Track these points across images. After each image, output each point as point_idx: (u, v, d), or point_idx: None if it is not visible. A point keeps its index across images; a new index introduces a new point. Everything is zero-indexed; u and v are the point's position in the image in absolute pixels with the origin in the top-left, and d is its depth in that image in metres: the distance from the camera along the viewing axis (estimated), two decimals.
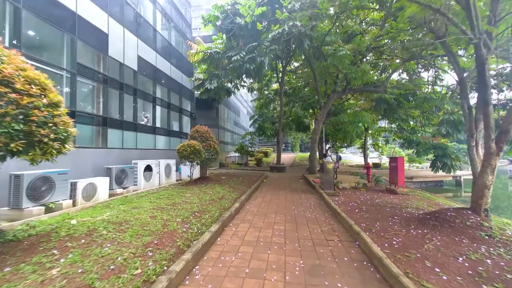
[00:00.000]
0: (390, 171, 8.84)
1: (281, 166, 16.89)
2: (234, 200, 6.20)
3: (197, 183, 8.09)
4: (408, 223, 4.71)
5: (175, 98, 12.01)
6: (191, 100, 13.65)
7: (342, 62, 11.26)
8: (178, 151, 7.62)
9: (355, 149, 44.38)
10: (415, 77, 16.90)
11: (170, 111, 11.45)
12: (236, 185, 8.57)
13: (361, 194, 8.06)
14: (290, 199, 7.29)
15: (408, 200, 7.15)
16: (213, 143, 8.67)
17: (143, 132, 9.53)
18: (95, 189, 5.93)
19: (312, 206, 6.38)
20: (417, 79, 16.82)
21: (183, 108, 12.75)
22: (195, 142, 7.83)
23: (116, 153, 7.81)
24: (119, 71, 8.14)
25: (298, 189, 9.13)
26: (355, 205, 6.38)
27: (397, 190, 8.22)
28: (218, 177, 10.67)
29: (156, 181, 8.64)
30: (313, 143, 13.74)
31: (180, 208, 4.83)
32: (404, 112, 16.03)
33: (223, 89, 10.63)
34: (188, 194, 6.20)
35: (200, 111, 18.90)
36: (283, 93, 17.80)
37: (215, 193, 6.71)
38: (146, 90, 9.80)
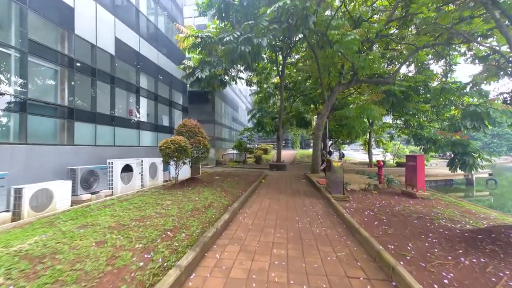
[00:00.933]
0: (407, 171, 7.62)
1: (281, 164, 15.68)
2: (225, 209, 4.99)
3: (184, 186, 6.88)
4: (452, 245, 3.50)
5: (164, 90, 10.74)
6: (183, 92, 12.38)
7: (349, 49, 9.95)
8: (161, 148, 6.39)
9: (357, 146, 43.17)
10: (423, 70, 15.62)
11: (158, 103, 10.19)
12: (229, 188, 7.37)
13: (374, 199, 6.87)
14: (292, 205, 6.08)
15: (433, 207, 5.94)
16: (203, 139, 7.43)
17: (124, 127, 8.29)
18: (51, 197, 4.71)
19: (320, 216, 5.17)
20: (427, 70, 15.53)
21: (174, 101, 11.49)
22: (181, 138, 6.60)
23: (86, 151, 6.58)
24: (91, 54, 6.87)
25: (300, 192, 7.92)
26: (372, 214, 5.17)
27: (416, 193, 7.02)
28: (211, 178, 9.46)
29: (137, 183, 7.43)
30: (316, 139, 12.49)
31: (149, 224, 3.61)
32: (414, 106, 14.73)
33: (216, 79, 9.36)
34: (167, 202, 4.98)
35: (194, 105, 17.63)
36: (283, 87, 16.51)
37: (202, 199, 5.49)
38: (128, 79, 8.52)
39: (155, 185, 8.07)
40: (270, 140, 43.80)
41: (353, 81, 11.96)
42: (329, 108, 12.50)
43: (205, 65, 8.75)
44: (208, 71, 8.47)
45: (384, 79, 11.74)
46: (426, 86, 14.24)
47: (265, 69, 19.85)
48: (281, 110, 16.57)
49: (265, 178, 11.11)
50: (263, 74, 19.58)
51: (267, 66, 19.85)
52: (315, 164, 12.45)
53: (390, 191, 8.08)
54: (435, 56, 15.01)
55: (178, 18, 11.95)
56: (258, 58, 7.42)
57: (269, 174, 13.05)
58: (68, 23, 6.11)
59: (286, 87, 19.53)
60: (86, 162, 6.34)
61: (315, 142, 12.61)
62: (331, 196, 6.61)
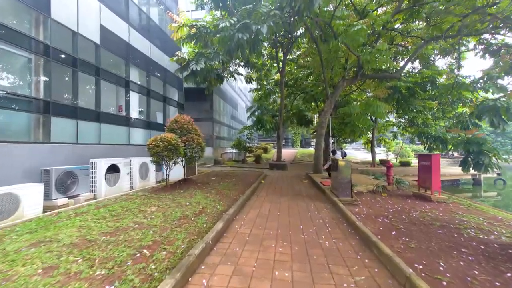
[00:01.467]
0: (421, 172, 6.94)
1: (281, 164, 15.01)
2: (218, 216, 4.32)
3: (175, 188, 6.21)
4: (496, 265, 2.83)
5: (158, 85, 10.05)
6: (179, 88, 11.69)
7: (355, 41, 9.27)
8: (149, 147, 5.71)
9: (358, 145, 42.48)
10: (429, 66, 14.92)
11: (151, 99, 9.49)
12: (226, 190, 6.70)
13: (385, 202, 6.21)
14: (295, 210, 5.41)
15: (454, 212, 5.28)
16: (197, 136, 6.75)
17: (112, 123, 7.60)
18: (16, 202, 4.03)
19: (328, 224, 4.49)
20: (433, 66, 14.83)
21: (169, 97, 10.80)
22: (171, 136, 5.92)
23: (65, 149, 5.89)
24: (72, 41, 6.17)
25: (303, 194, 7.25)
26: (387, 221, 4.50)
27: (431, 196, 6.35)
28: (207, 179, 8.79)
29: (125, 184, 6.76)
30: (318, 137, 11.81)
31: (123, 239, 2.94)
32: (420, 103, 14.03)
33: (212, 73, 8.67)
34: (152, 208, 4.31)
35: (192, 102, 16.93)
36: (284, 84, 15.82)
37: (193, 204, 4.82)
38: (116, 72, 7.82)
39: (146, 186, 7.40)
40: (270, 139, 43.14)
41: (358, 76, 11.26)
42: (332, 105, 11.81)
43: (200, 57, 8.05)
44: (203, 63, 7.77)
45: (391, 73, 11.05)
46: (433, 82, 13.55)
47: (265, 66, 19.18)
48: (282, 107, 15.90)
49: (264, 179, 10.44)
50: (263, 71, 18.89)
51: (267, 62, 19.18)
52: (317, 163, 11.78)
53: (400, 194, 7.42)
54: (441, 52, 14.35)
55: (173, 9, 11.23)
56: (257, 47, 6.72)
57: (269, 174, 12.38)
58: (43, 6, 5.41)
59: (287, 84, 18.84)
60: (65, 162, 5.66)
61: (317, 140, 11.93)
62: (338, 199, 5.95)
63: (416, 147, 31.43)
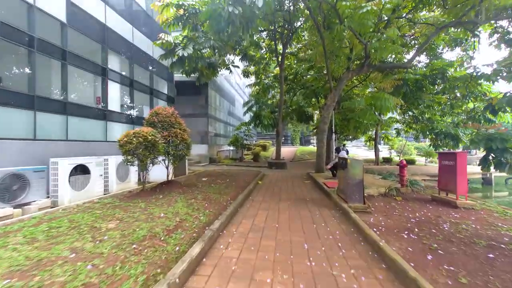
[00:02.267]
0: (442, 173, 5.93)
1: (281, 162, 13.99)
2: (200, 231, 3.31)
3: (155, 193, 5.18)
4: None
5: (143, 75, 8.97)
6: (169, 80, 10.61)
7: (363, 26, 8.18)
8: (120, 144, 4.66)
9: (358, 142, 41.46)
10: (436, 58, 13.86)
11: (134, 91, 8.42)
12: (216, 194, 5.68)
13: (403, 209, 5.21)
14: (297, 221, 4.39)
15: (490, 223, 4.27)
16: (181, 131, 5.70)
17: (84, 117, 6.53)
18: None
19: (341, 243, 3.47)
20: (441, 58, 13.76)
21: (156, 89, 9.72)
22: (148, 130, 4.87)
23: (14, 147, 4.82)
24: (27, 16, 5.08)
25: (306, 198, 6.23)
26: (415, 238, 3.50)
27: (457, 201, 5.35)
28: (197, 180, 7.76)
29: (97, 188, 5.72)
30: (321, 134, 10.78)
31: (36, 286, 1.89)
32: (429, 97, 12.98)
33: (203, 60, 7.58)
34: (110, 224, 3.27)
35: (185, 96, 15.84)
36: (283, 78, 14.75)
37: (169, 215, 3.78)
38: (90, 57, 6.72)
39: (126, 189, 6.38)
40: (269, 137, 42.14)
41: (364, 67, 10.19)
42: (335, 99, 10.76)
43: (189, 41, 6.97)
44: (192, 48, 6.69)
45: (401, 63, 10.00)
46: (444, 75, 12.49)
47: (264, 59, 18.10)
48: (281, 103, 14.86)
49: (262, 179, 9.43)
50: (261, 65, 17.82)
51: (265, 56, 18.10)
52: (319, 162, 10.76)
53: (416, 197, 6.42)
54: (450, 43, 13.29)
55: None
56: (252, 25, 5.64)
57: (267, 173, 11.37)
58: None
59: (286, 79, 17.80)
60: (15, 162, 4.61)
61: (319, 137, 10.90)
62: (347, 205, 4.94)
63: (419, 144, 30.46)
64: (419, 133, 19.74)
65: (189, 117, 16.12)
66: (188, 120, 16.77)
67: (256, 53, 17.55)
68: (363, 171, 5.16)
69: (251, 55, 17.05)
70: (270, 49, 17.57)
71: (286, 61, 17.11)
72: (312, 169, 12.75)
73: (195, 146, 16.37)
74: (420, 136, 20.56)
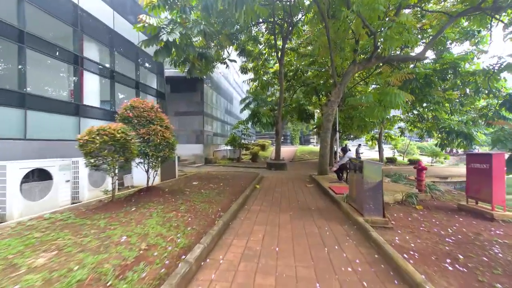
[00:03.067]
0: (472, 177, 4.98)
1: (280, 163, 13.04)
2: (171, 264, 2.35)
3: (127, 203, 4.20)
4: None
5: (127, 67, 7.99)
6: (159, 73, 9.63)
7: (373, 10, 7.24)
8: (80, 143, 3.68)
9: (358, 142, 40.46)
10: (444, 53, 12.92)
11: (116, 83, 7.44)
12: (204, 203, 4.72)
13: (429, 222, 4.29)
14: (303, 241, 3.43)
15: None
16: (162, 129, 4.71)
17: (51, 112, 5.55)
18: None
19: (365, 279, 2.50)
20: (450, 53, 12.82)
21: (144, 83, 8.74)
22: (117, 127, 3.89)
23: None
24: None
25: (311, 208, 5.26)
26: (465, 271, 2.55)
27: (493, 213, 4.41)
28: (185, 184, 6.79)
29: (62, 197, 4.74)
30: (324, 132, 9.83)
31: None
32: (439, 93, 12.03)
33: (192, 48, 6.60)
34: (39, 260, 2.29)
35: (179, 93, 14.87)
36: (283, 74, 13.80)
37: (133, 239, 2.81)
38: (58, 42, 5.72)
39: (101, 197, 5.39)
40: (268, 136, 41.22)
41: (372, 59, 9.24)
42: (340, 94, 9.80)
43: (175, 25, 5.98)
44: (178, 33, 5.72)
45: (414, 55, 9.06)
46: (455, 69, 11.54)
47: (262, 55, 17.16)
48: (281, 100, 13.90)
49: (260, 182, 8.47)
50: (260, 60, 16.88)
51: (264, 51, 17.16)
52: (323, 163, 9.81)
53: (439, 206, 5.49)
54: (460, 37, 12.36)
55: None
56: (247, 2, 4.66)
57: (266, 175, 10.41)
58: None
59: (286, 76, 16.87)
60: None
61: (322, 136, 9.95)
62: (363, 219, 4.00)
63: (421, 144, 29.56)
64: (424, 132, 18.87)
65: (184, 115, 15.17)
66: (183, 118, 15.86)
67: (254, 48, 16.63)
68: (383, 176, 4.21)
69: (249, 50, 16.12)
70: (269, 44, 16.66)
71: (286, 57, 16.18)
72: (314, 171, 11.80)
73: (189, 146, 15.44)
74: (425, 135, 19.66)
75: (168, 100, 15.06)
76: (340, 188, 6.47)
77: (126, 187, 7.24)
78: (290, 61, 17.86)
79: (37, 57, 5.25)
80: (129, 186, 7.23)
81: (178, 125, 15.13)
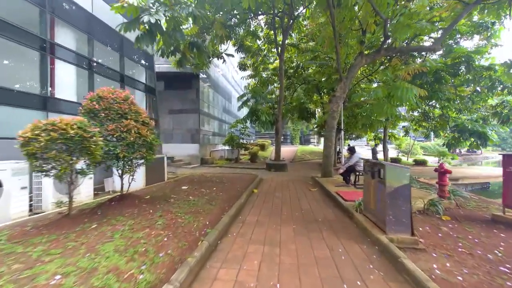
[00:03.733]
0: (510, 182, 4.11)
1: (281, 164, 12.17)
2: None
3: (89, 217, 3.32)
4: None
5: (110, 57, 7.13)
6: (148, 67, 8.75)
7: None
8: (21, 142, 2.79)
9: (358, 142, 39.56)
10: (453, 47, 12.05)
11: (95, 75, 6.56)
12: (189, 215, 3.84)
13: (465, 239, 3.43)
14: (312, 272, 2.54)
15: None
16: (137, 126, 3.82)
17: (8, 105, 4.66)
18: None
19: None
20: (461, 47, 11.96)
21: (130, 76, 7.87)
22: (73, 121, 3.00)
23: None
24: None
25: (318, 219, 4.37)
26: None
27: None
28: (172, 190, 5.90)
29: (17, 207, 3.87)
30: (328, 131, 8.96)
31: None
32: (451, 89, 11.16)
33: (180, 34, 5.74)
34: None
35: (173, 90, 13.99)
36: (283, 71, 12.96)
37: (70, 280, 1.93)
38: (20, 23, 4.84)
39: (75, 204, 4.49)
40: (268, 136, 40.37)
41: (382, 51, 8.37)
42: (346, 89, 8.93)
43: (160, 6, 5.11)
44: (163, 15, 4.85)
45: (429, 46, 8.21)
46: (468, 63, 10.68)
47: (261, 50, 16.31)
48: (281, 98, 13.04)
49: (258, 186, 7.59)
50: (259, 57, 16.04)
51: (263, 47, 16.31)
52: (327, 164, 8.93)
53: (468, 215, 4.63)
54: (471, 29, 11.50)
55: None
56: None
57: (265, 177, 9.54)
58: None
59: (286, 73, 16.04)
60: None
61: (327, 135, 9.07)
62: (386, 237, 3.13)
63: (424, 144, 28.68)
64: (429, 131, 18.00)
65: (179, 113, 14.27)
66: (177, 116, 14.94)
67: (253, 43, 15.79)
68: (410, 182, 3.33)
69: (248, 46, 15.27)
70: (268, 39, 15.83)
71: (286, 54, 15.35)
72: (316, 172, 10.93)
73: (184, 146, 14.55)
74: (431, 134, 18.74)
75: (162, 98, 14.18)
76: (350, 194, 5.60)
77: (107, 192, 6.37)
78: (290, 57, 17.04)
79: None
80: (110, 191, 6.35)
81: (173, 123, 14.24)
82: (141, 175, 6.19)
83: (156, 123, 9.44)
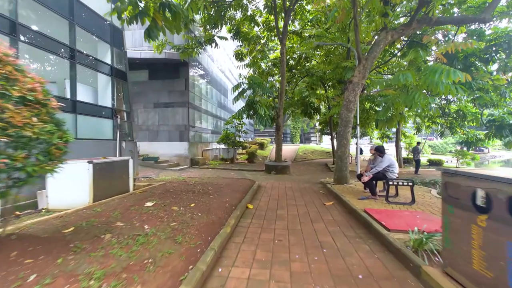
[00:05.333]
0: None
1: (282, 165, 10.28)
2: None
3: None
4: None
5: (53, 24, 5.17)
6: (115, 44, 6.78)
7: None
8: None
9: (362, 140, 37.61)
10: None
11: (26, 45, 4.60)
12: (112, 278, 1.88)
13: None
14: None
15: None
16: (14, 112, 1.85)
17: None
18: None
19: None
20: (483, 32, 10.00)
21: (86, 53, 5.93)
22: None
23: None
24: None
25: (360, 278, 2.42)
26: None
27: None
28: (128, 208, 3.94)
29: None
30: (343, 125, 7.04)
31: None
32: (487, 77, 9.22)
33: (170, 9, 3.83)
34: None
35: (158, 80, 12.02)
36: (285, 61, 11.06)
37: None
38: None
39: None
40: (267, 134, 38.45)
41: (414, 23, 6.42)
42: (366, 73, 6.99)
43: None
44: None
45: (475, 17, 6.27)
46: (510, 45, 8.74)
47: (260, 38, 14.37)
48: (282, 91, 11.15)
49: (254, 198, 5.65)
50: (258, 45, 14.11)
51: (263, 34, 14.35)
52: (342, 167, 7.01)
53: None
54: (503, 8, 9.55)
55: None
56: None
57: (264, 183, 7.63)
58: None
59: (288, 65, 14.16)
60: None
61: (341, 131, 7.14)
62: None
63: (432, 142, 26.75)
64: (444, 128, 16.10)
65: (165, 107, 12.29)
66: (163, 110, 12.85)
67: (251, 30, 13.84)
68: None
69: (245, 33, 13.33)
70: (268, 26, 13.89)
71: (287, 43, 13.43)
72: (322, 174, 9.04)
73: (171, 145, 12.54)
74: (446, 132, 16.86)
75: (146, 89, 12.19)
76: (387, 215, 3.69)
77: (39, 210, 4.43)
78: (292, 47, 15.10)
79: None
80: (42, 209, 4.42)
81: (159, 119, 12.27)
82: (85, 186, 4.25)
83: (128, 116, 7.49)
